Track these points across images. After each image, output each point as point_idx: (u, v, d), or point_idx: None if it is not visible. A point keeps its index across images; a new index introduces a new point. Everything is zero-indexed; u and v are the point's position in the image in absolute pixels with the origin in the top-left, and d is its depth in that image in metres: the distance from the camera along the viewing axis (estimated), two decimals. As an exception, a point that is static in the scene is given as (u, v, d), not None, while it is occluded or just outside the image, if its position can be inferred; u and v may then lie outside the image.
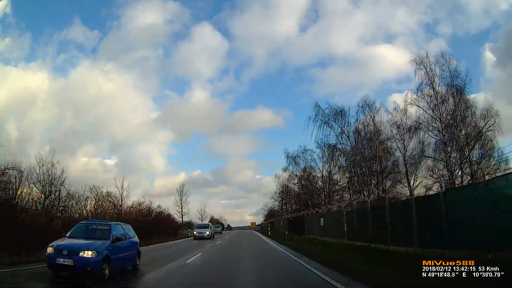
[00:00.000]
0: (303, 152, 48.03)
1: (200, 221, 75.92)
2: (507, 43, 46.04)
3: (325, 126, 34.64)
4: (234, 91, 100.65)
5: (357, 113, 34.30)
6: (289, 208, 64.88)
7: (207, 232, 34.24)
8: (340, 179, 41.15)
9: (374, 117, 33.64)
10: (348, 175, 36.93)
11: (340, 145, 35.56)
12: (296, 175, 50.75)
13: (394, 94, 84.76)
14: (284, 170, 51.40)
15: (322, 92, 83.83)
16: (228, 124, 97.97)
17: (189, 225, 58.94)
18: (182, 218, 61.00)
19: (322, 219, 28.17)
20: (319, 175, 47.02)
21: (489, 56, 55.23)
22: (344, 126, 34.86)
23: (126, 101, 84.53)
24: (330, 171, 44.47)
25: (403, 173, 31.95)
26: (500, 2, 50.03)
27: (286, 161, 49.41)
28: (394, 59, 67.74)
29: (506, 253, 9.17)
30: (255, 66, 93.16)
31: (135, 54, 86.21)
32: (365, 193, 32.12)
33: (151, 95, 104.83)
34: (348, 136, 35.06)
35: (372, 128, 33.73)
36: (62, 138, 65.08)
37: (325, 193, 45.50)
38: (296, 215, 42.82)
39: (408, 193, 28.79)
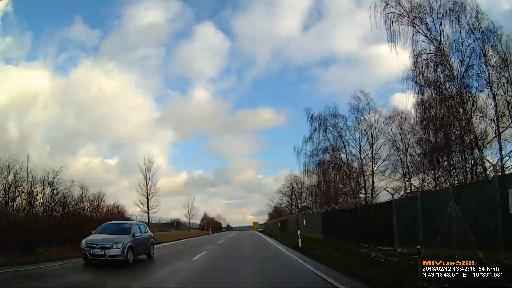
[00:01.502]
0: (333, 116, 32.85)
1: (187, 220, 60.85)
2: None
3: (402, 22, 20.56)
4: (236, 91, 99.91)
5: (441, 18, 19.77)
6: (299, 205, 58.49)
7: None
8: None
9: (479, 20, 18.85)
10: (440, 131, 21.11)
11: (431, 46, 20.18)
12: (325, 150, 33.57)
13: (396, 94, 78.12)
14: (306, 142, 34.09)
15: (324, 92, 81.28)
16: (230, 124, 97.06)
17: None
18: (148, 214, 41.58)
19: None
20: (353, 151, 32.98)
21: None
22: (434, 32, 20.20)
23: (127, 100, 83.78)
24: (373, 143, 31.50)
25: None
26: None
27: (310, 127, 33.14)
28: (397, 59, 60.88)
29: None
30: (257, 65, 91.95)
31: (136, 53, 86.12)
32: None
33: (153, 95, 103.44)
34: (441, 50, 19.72)
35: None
36: (63, 137, 63.77)
37: (365, 176, 32.36)
38: (353, 204, 22.68)
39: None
